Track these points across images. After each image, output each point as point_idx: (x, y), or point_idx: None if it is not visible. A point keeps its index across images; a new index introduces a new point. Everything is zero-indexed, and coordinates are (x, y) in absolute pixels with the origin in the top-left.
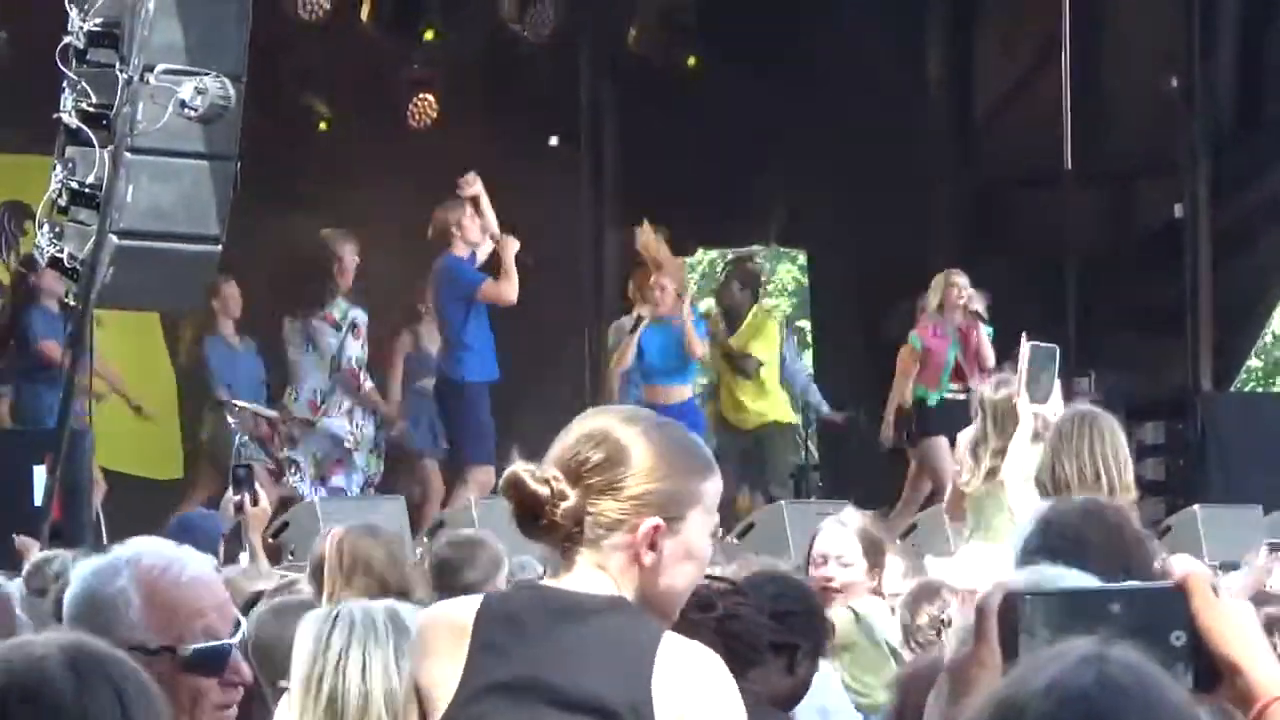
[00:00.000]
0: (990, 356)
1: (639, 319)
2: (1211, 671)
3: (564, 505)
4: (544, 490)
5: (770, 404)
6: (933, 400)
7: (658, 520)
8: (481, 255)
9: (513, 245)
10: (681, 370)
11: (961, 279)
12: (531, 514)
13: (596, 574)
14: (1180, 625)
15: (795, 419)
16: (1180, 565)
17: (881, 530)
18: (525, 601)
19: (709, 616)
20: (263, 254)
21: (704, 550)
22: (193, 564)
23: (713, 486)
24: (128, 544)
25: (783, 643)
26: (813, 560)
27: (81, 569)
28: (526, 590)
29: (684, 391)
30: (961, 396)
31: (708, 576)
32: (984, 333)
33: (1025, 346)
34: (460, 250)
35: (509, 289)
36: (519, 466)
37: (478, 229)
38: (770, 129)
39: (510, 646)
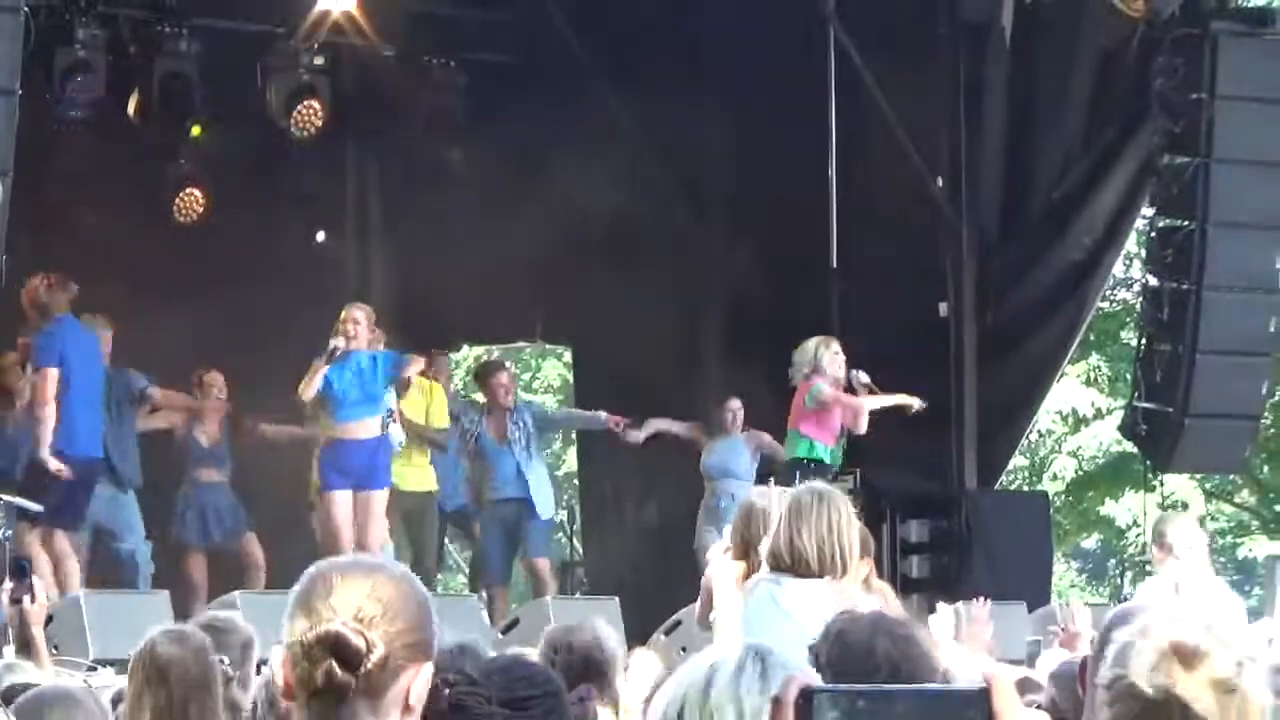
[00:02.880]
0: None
1: (334, 350)
2: None
3: (375, 655)
4: (360, 642)
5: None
6: (830, 458)
7: (430, 661)
8: None
9: None
10: (364, 402)
11: (836, 345)
12: (343, 674)
13: None
14: None
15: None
16: (987, 664)
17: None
18: None
19: (433, 709)
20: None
21: None
22: None
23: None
24: None
25: None
26: None
27: None
28: None
29: (372, 426)
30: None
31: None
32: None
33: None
34: None
35: None
36: (339, 624)
37: None
38: (536, 225)
39: None
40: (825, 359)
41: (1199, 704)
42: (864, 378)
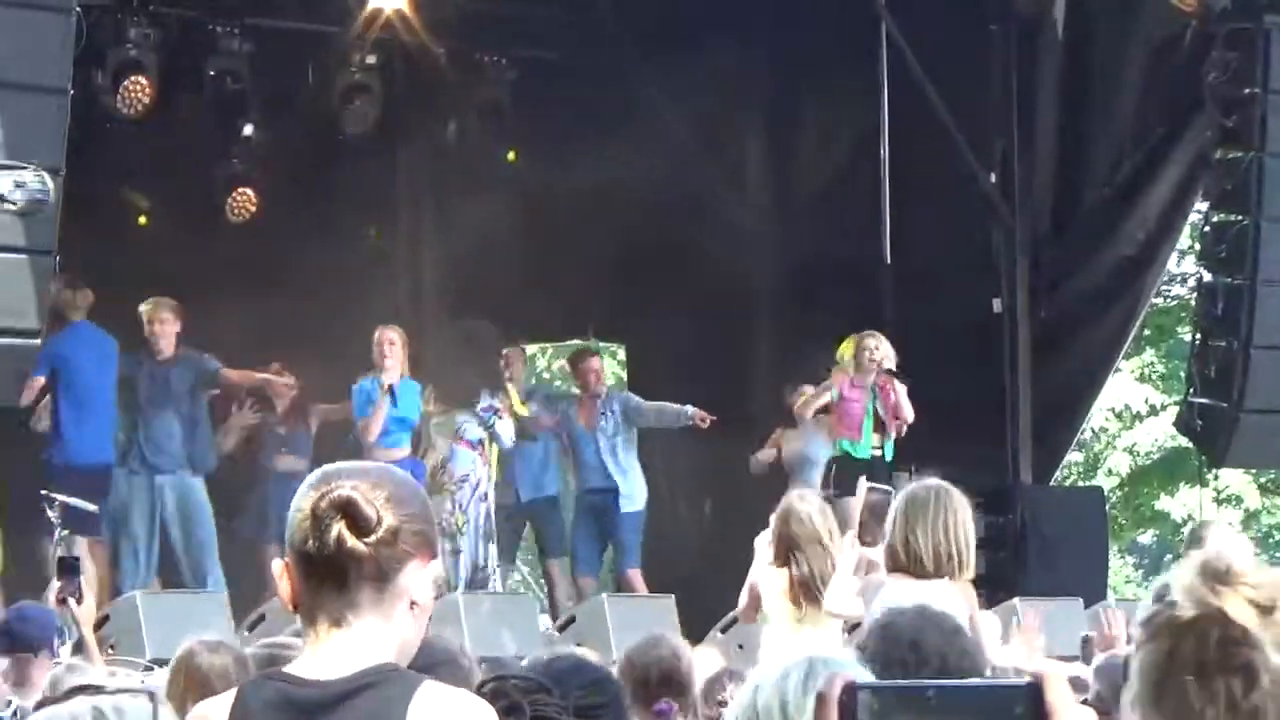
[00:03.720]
0: (908, 410)
1: (390, 387)
2: None
3: (384, 525)
4: (371, 510)
5: None
6: (859, 452)
7: (436, 559)
8: None
9: None
10: (402, 429)
11: (873, 340)
12: (353, 540)
13: (373, 629)
14: None
15: None
16: (1037, 661)
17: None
18: (269, 705)
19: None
20: None
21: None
22: None
23: None
24: None
25: None
26: None
27: None
28: (272, 688)
29: (405, 449)
30: (878, 452)
31: (511, 676)
32: (900, 389)
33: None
34: None
35: None
36: (350, 490)
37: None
38: (587, 221)
39: None
40: (848, 357)
41: (1239, 617)
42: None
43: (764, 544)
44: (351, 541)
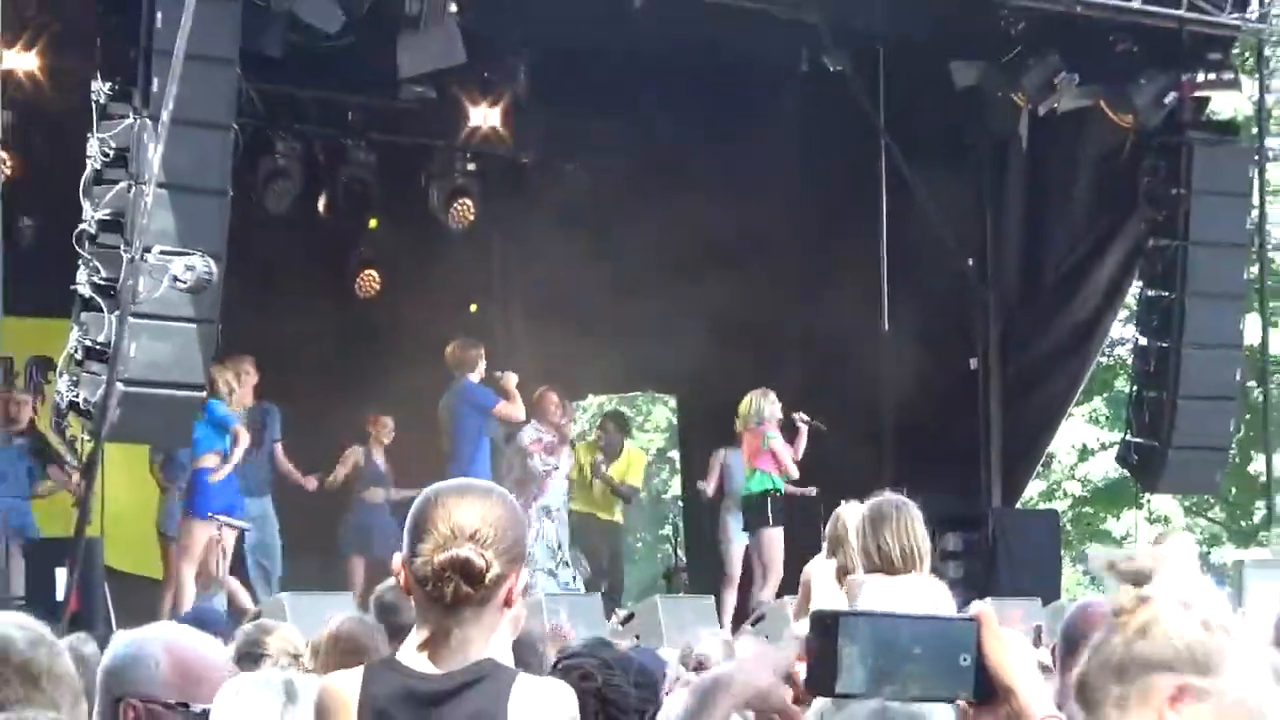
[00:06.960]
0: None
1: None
2: (990, 689)
3: (492, 573)
4: (482, 563)
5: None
6: (782, 486)
7: (525, 569)
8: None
9: (512, 376)
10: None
11: (774, 394)
12: (467, 589)
13: (473, 632)
14: (968, 650)
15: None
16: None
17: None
18: (394, 694)
19: (591, 685)
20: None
21: None
22: (205, 644)
23: None
24: (156, 625)
25: (642, 708)
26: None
27: (120, 639)
28: (395, 679)
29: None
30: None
31: (587, 654)
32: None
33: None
34: (476, 378)
35: (519, 408)
36: (462, 550)
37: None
38: (649, 296)
39: None
40: (766, 410)
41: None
42: (805, 417)
43: (818, 561)
44: (464, 591)
